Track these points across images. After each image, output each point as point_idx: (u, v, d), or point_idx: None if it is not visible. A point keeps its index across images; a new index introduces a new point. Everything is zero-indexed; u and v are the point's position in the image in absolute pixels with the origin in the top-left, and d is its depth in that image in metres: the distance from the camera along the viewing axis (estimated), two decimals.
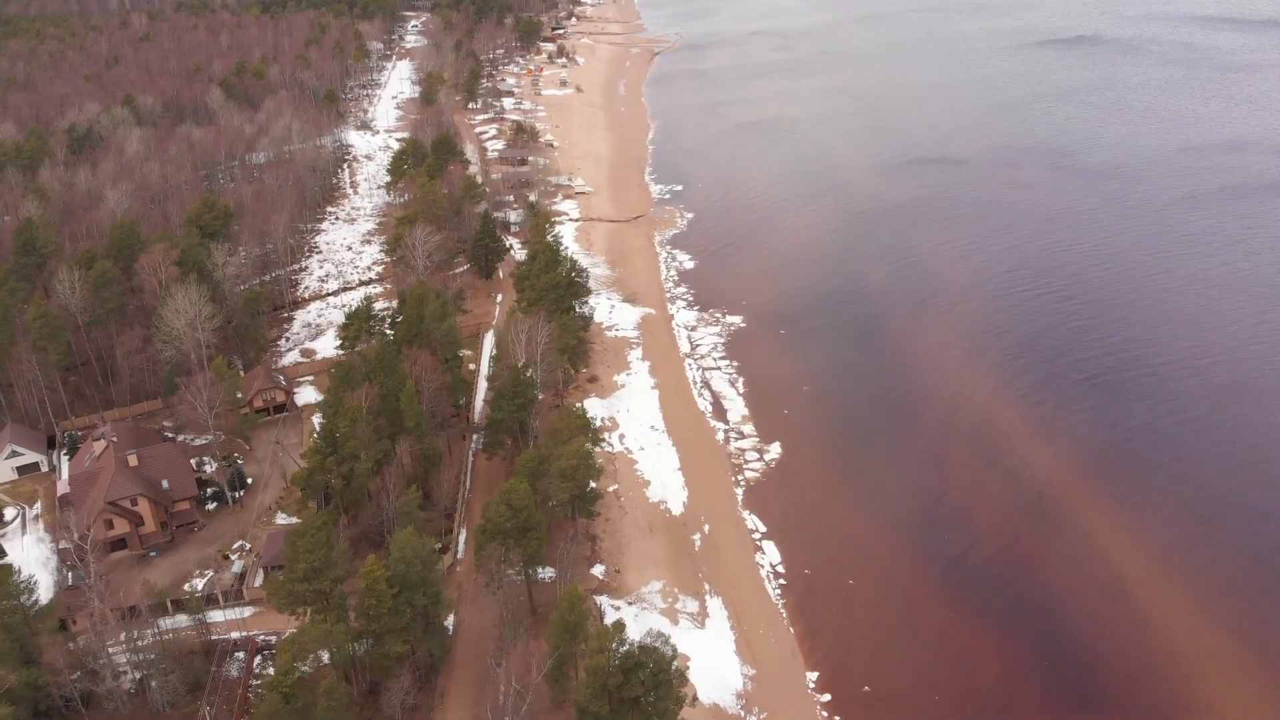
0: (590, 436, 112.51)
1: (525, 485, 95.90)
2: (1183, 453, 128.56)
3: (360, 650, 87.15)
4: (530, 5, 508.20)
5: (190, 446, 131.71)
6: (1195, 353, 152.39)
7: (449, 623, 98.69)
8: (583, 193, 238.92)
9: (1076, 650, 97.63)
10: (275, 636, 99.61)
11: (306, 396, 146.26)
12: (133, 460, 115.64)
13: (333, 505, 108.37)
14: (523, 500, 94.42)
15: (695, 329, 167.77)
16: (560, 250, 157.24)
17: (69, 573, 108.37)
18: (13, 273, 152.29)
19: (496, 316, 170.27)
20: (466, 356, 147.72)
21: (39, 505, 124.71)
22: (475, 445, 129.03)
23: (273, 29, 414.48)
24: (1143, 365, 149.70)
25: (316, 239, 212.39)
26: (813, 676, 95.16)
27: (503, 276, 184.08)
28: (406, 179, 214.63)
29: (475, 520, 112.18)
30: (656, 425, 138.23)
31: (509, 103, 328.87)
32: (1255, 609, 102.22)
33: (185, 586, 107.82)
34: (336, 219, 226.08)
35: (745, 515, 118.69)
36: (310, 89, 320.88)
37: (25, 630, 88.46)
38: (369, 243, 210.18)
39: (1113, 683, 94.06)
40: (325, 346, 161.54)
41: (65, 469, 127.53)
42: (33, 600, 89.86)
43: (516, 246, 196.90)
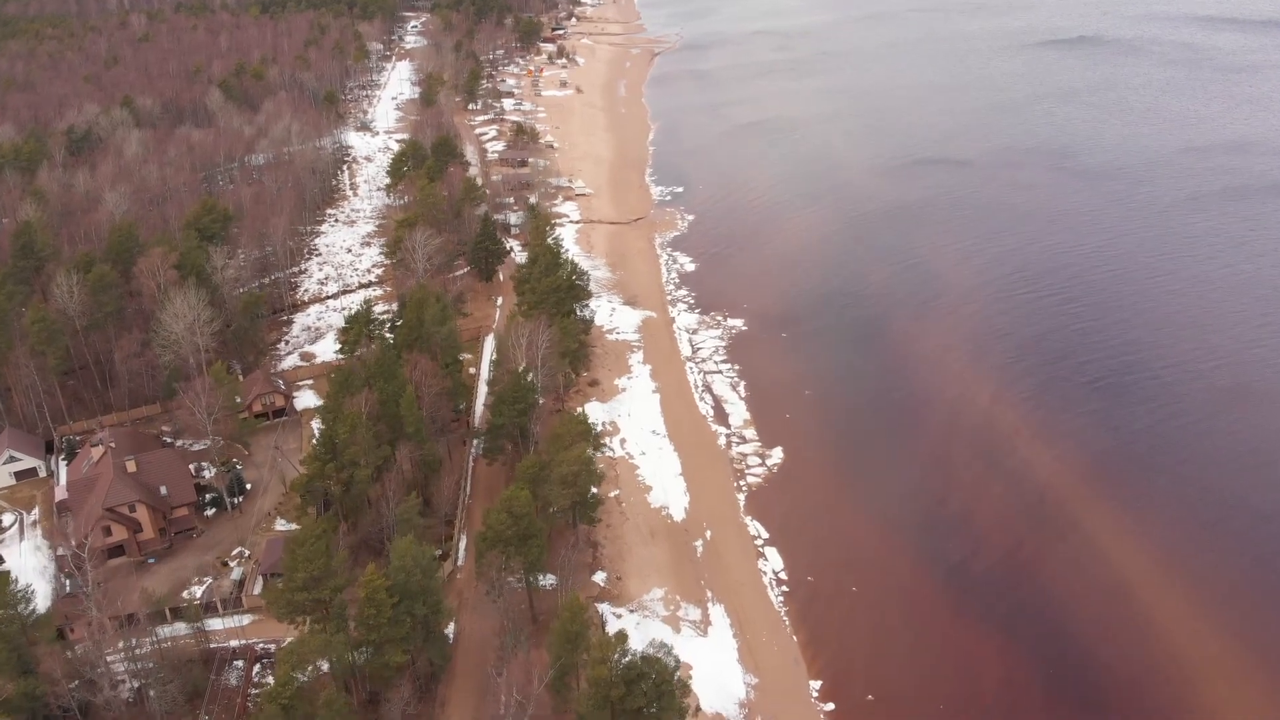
0: (592, 442, 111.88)
1: (526, 492, 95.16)
2: (1186, 456, 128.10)
3: (360, 659, 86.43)
4: (530, 6, 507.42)
5: (189, 452, 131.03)
6: (1198, 355, 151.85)
7: (449, 630, 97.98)
8: (583, 194, 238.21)
9: (1079, 655, 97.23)
10: (274, 644, 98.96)
11: (306, 401, 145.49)
12: (131, 466, 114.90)
13: (332, 512, 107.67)
14: (524, 507, 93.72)
15: (696, 332, 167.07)
16: (561, 253, 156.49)
17: (67, 580, 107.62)
18: (10, 276, 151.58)
19: (497, 319, 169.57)
20: (466, 360, 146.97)
21: (37, 511, 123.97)
22: (475, 450, 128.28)
23: (272, 30, 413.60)
24: (1145, 368, 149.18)
25: (316, 241, 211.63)
26: (816, 685, 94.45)
27: (503, 279, 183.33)
28: (406, 181, 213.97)
29: (475, 526, 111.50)
30: (658, 430, 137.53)
31: (509, 104, 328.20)
32: (1258, 613, 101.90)
33: (184, 594, 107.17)
34: (336, 221, 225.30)
35: (747, 521, 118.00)
36: (310, 90, 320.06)
37: (23, 640, 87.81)
38: (369, 245, 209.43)
39: (1116, 687, 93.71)
40: (325, 350, 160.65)
41: (63, 474, 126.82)
42: (30, 609, 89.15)
43: (517, 249, 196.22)
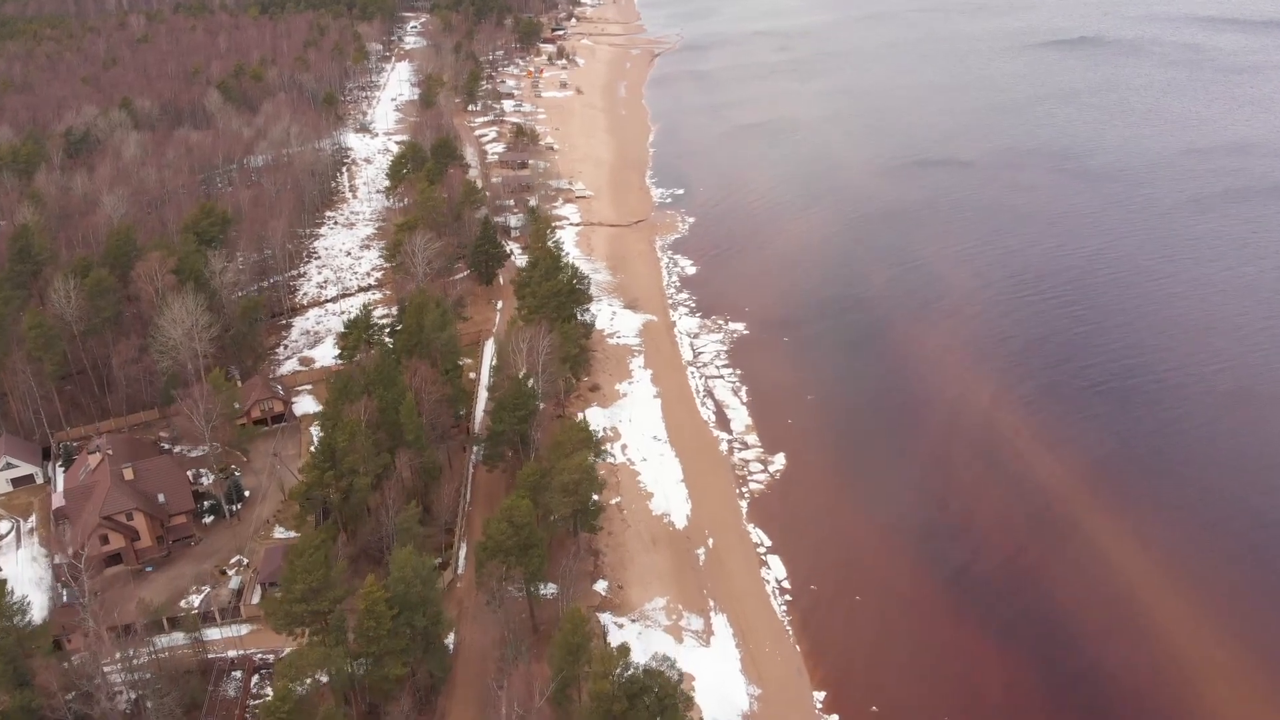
0: (593, 448, 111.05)
1: (527, 502, 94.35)
2: (1189, 460, 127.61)
3: (359, 672, 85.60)
4: (530, 6, 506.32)
5: (187, 458, 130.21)
6: (1200, 358, 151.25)
7: (449, 641, 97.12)
8: (583, 196, 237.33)
9: (1082, 662, 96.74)
10: (273, 655, 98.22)
11: (305, 406, 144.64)
12: (128, 474, 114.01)
13: (331, 520, 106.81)
14: (524, 517, 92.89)
15: (697, 336, 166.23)
16: (561, 256, 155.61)
17: (64, 590, 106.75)
18: (7, 280, 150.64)
19: (497, 323, 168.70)
20: (467, 365, 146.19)
21: (34, 518, 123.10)
22: (475, 457, 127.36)
23: (271, 30, 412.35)
24: (1147, 371, 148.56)
25: (315, 244, 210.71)
26: (820, 696, 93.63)
27: (503, 282, 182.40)
28: (406, 183, 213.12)
29: (475, 534, 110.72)
30: (659, 435, 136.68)
31: (509, 105, 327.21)
32: (1263, 618, 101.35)
33: (181, 603, 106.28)
34: (335, 223, 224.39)
35: (750, 528, 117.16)
36: (309, 91, 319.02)
37: (19, 652, 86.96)
38: (368, 248, 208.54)
39: (1119, 693, 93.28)
40: (324, 355, 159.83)
41: (60, 481, 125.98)
42: (26, 621, 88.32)
43: (517, 251, 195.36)
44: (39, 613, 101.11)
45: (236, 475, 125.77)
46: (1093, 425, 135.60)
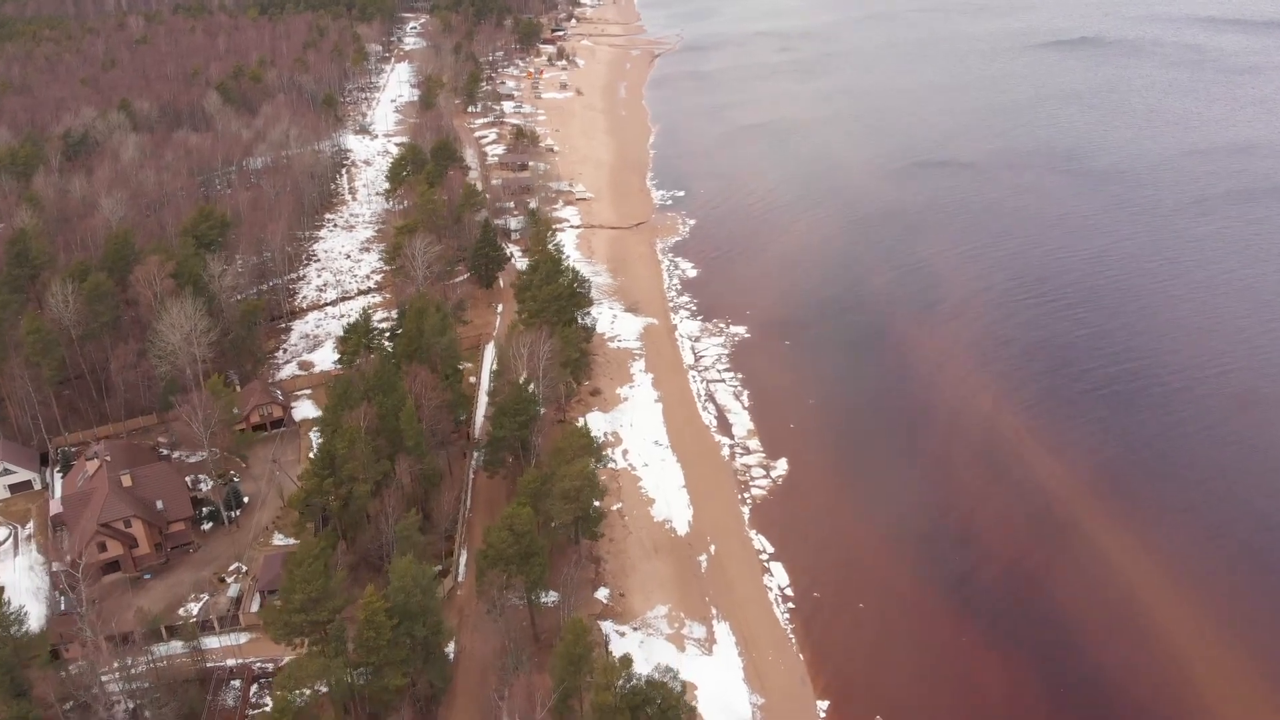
0: (594, 454, 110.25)
1: (528, 510, 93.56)
2: (1193, 464, 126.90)
3: (359, 682, 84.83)
4: (530, 6, 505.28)
5: (185, 463, 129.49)
6: (1203, 361, 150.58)
7: (449, 649, 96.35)
8: (584, 199, 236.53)
9: (1086, 668, 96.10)
10: (272, 664, 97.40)
11: (304, 411, 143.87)
12: (126, 480, 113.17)
13: (330, 528, 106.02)
14: (525, 525, 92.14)
15: (699, 339, 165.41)
16: (562, 260, 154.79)
17: (61, 598, 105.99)
18: (5, 285, 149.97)
19: (497, 327, 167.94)
20: (467, 369, 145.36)
21: (31, 525, 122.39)
22: (476, 463, 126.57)
23: (270, 31, 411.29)
24: (1150, 374, 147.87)
25: (314, 247, 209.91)
26: (823, 705, 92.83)
27: (503, 285, 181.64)
28: (406, 186, 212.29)
29: (476, 541, 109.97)
30: (660, 440, 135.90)
31: (509, 106, 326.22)
32: (1268, 623, 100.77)
33: (180, 611, 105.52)
34: (335, 226, 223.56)
35: (752, 535, 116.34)
36: (308, 92, 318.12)
37: (16, 662, 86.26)
38: (368, 250, 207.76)
39: (1124, 700, 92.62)
40: (323, 359, 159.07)
41: (58, 487, 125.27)
42: (23, 631, 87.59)
43: (517, 254, 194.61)
44: (36, 622, 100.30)
45: (235, 481, 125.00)
46: (1095, 428, 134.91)
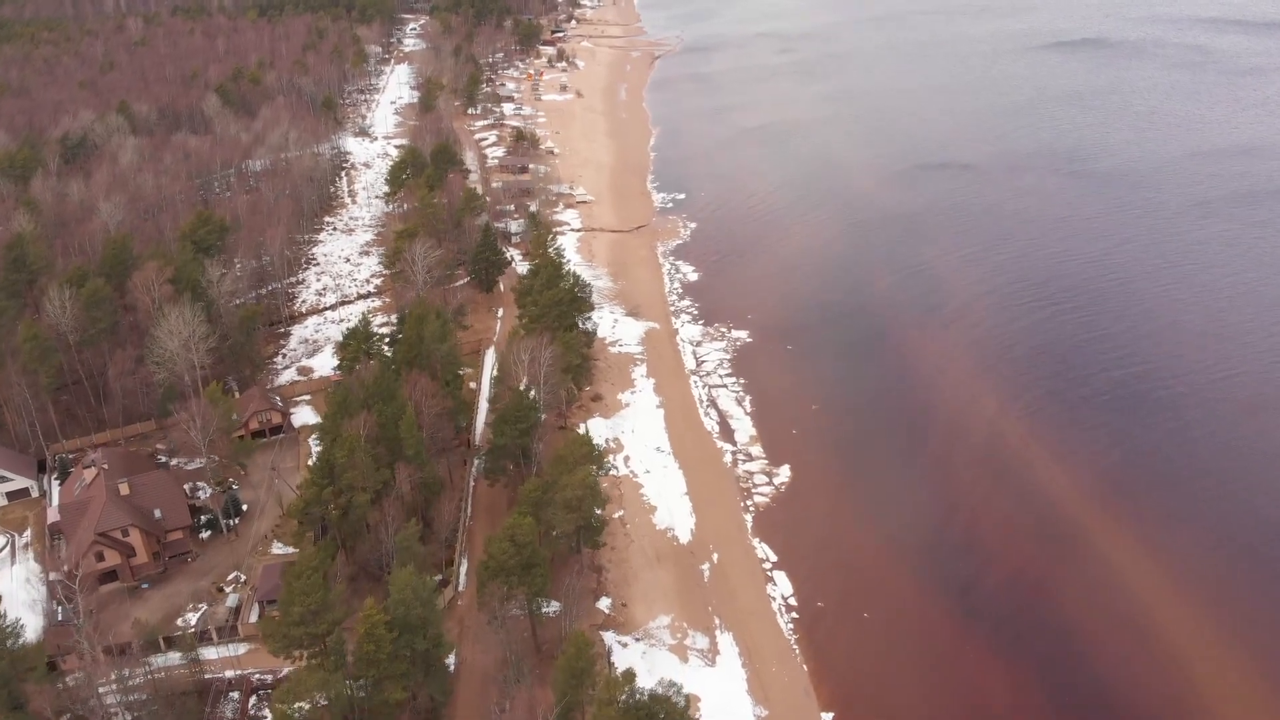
0: (596, 461, 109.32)
1: (530, 520, 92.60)
2: (1199, 469, 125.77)
3: (359, 695, 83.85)
4: (530, 8, 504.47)
5: (184, 471, 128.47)
6: (1210, 365, 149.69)
7: (450, 660, 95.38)
8: (584, 201, 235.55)
9: (1092, 678, 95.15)
10: (271, 675, 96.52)
11: (304, 417, 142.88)
12: (124, 489, 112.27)
13: (330, 537, 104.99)
14: (527, 535, 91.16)
15: (700, 344, 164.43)
16: (563, 264, 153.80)
17: (58, 608, 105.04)
18: (2, 290, 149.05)
19: (498, 332, 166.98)
20: (467, 375, 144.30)
21: (29, 533, 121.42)
22: (476, 470, 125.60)
23: (270, 33, 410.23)
24: (1154, 379, 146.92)
25: (314, 250, 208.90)
26: (827, 718, 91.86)
27: (504, 290, 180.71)
28: (406, 189, 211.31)
29: (476, 550, 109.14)
30: (662, 447, 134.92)
31: (509, 108, 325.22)
32: (1274, 628, 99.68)
33: (178, 621, 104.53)
34: (334, 229, 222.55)
35: (755, 543, 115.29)
36: (308, 95, 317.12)
37: (12, 674, 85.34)
38: (367, 254, 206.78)
39: (1131, 712, 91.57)
40: (323, 364, 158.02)
41: (56, 495, 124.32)
42: (19, 644, 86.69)
43: (517, 258, 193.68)
44: (33, 633, 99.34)
45: (234, 489, 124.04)
46: (1099, 434, 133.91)
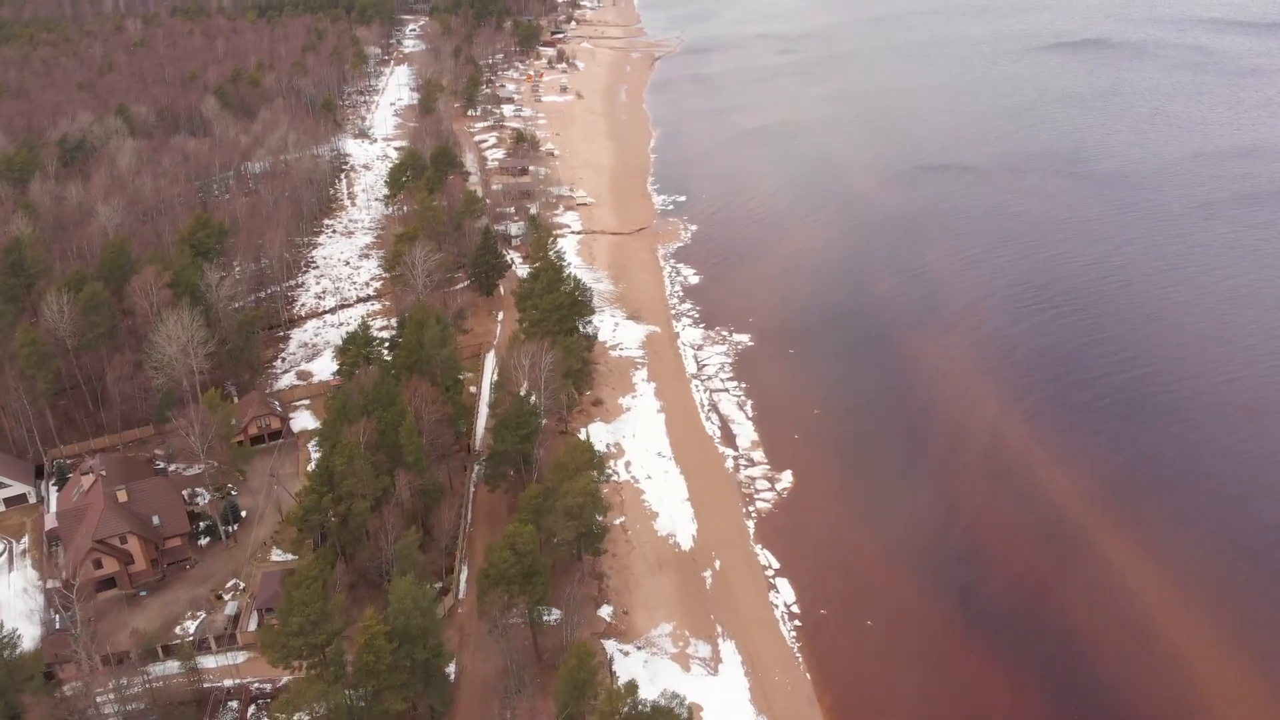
0: (597, 467, 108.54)
1: (530, 528, 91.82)
2: (1201, 473, 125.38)
3: (358, 705, 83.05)
4: (529, 9, 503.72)
5: (182, 477, 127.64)
6: (1210, 368, 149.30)
7: (450, 669, 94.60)
8: (584, 204, 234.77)
9: (1095, 685, 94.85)
10: (270, 684, 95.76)
11: (303, 422, 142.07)
12: (122, 496, 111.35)
13: (329, 545, 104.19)
14: (528, 544, 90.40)
15: (701, 348, 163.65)
16: (563, 268, 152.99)
17: (56, 615, 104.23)
18: (0, 294, 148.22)
19: (498, 336, 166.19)
20: (467, 379, 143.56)
21: (26, 540, 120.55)
22: (477, 476, 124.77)
23: (269, 34, 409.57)
24: (1156, 382, 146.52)
25: (313, 253, 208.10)
26: None
27: (504, 293, 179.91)
28: (405, 192, 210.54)
29: (477, 557, 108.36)
30: (664, 452, 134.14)
31: (509, 110, 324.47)
32: (1274, 631, 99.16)
33: (176, 629, 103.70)
34: (334, 232, 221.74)
35: (757, 550, 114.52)
36: (307, 96, 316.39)
37: (9, 684, 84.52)
38: (367, 257, 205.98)
39: (1131, 715, 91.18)
40: (322, 368, 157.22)
41: (53, 500, 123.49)
42: (16, 654, 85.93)
43: (518, 261, 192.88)
44: (30, 642, 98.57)
45: (233, 495, 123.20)
46: (1100, 437, 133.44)
